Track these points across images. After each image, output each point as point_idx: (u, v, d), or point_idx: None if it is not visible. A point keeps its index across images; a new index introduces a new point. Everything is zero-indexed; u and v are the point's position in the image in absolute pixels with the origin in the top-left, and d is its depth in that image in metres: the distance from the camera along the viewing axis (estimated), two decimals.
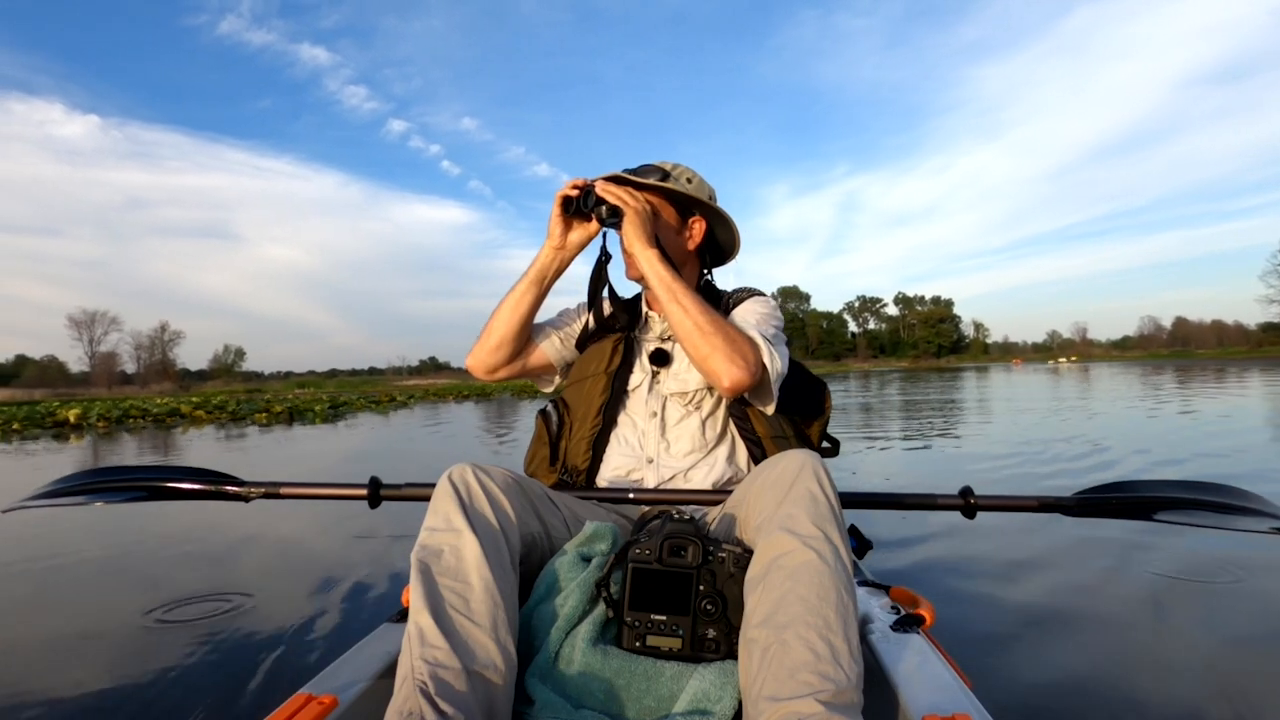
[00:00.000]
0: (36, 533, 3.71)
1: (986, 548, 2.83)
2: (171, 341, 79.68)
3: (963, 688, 0.90)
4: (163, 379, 73.72)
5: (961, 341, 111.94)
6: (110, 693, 1.74)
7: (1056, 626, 2.02)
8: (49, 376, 72.79)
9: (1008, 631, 2.00)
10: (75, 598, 2.61)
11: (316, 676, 0.96)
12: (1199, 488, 1.28)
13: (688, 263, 1.40)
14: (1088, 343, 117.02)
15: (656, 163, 1.34)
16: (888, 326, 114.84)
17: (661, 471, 1.31)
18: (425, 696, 0.77)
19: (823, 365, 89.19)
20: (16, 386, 64.91)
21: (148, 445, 10.01)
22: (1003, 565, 2.63)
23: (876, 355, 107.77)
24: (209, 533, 3.62)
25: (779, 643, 0.79)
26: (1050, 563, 2.65)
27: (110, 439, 11.16)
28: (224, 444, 9.88)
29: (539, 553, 1.06)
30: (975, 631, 1.98)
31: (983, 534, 2.99)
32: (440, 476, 1.00)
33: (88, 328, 72.35)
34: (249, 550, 3.27)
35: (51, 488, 1.40)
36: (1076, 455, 5.54)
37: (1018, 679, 1.68)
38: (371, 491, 1.34)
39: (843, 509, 0.95)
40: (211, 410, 16.80)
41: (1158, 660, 1.78)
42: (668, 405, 1.34)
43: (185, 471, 1.42)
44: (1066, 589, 2.35)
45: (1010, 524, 3.10)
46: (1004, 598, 2.28)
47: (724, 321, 1.19)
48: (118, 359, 75.33)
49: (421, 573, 0.88)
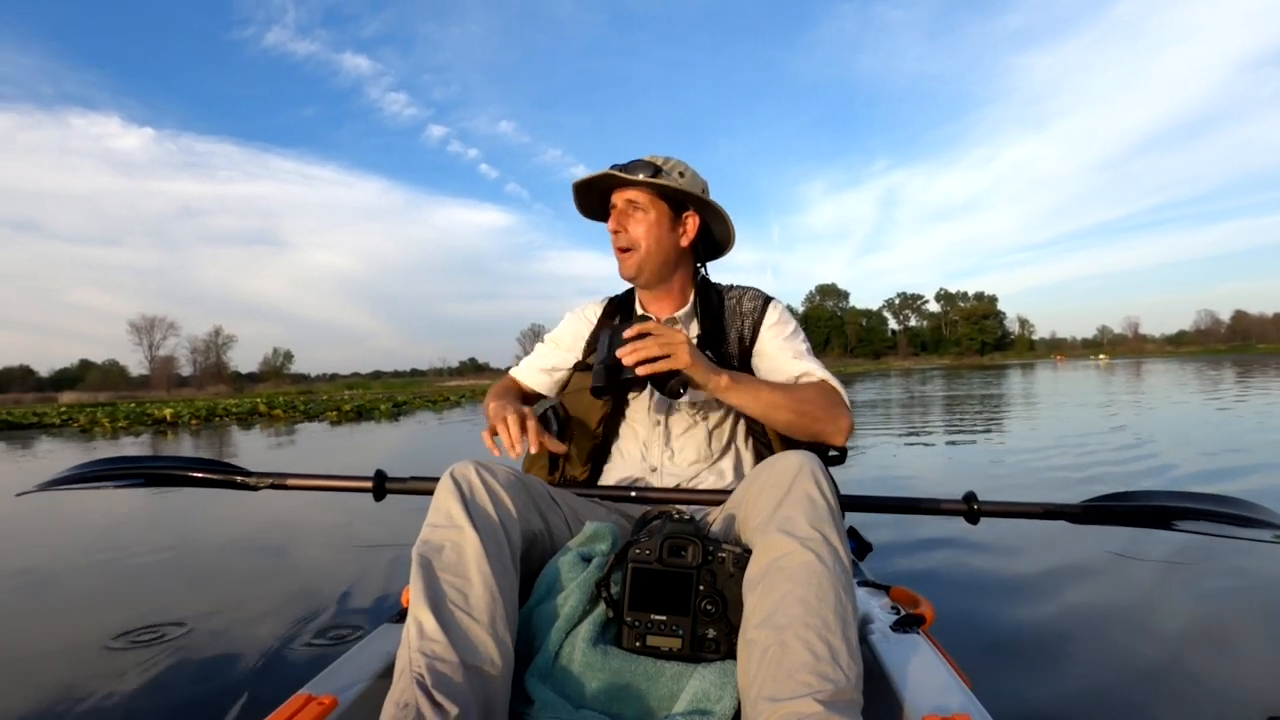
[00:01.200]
0: (29, 525, 3.77)
1: (987, 548, 2.83)
2: (225, 345, 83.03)
3: (963, 688, 0.90)
4: (217, 381, 76.15)
5: (1006, 338, 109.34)
6: (109, 693, 1.74)
7: (1057, 626, 2.02)
8: (111, 379, 76.83)
9: (1008, 632, 1.99)
10: (75, 598, 2.61)
11: (316, 677, 0.96)
12: (1205, 498, 1.28)
13: (683, 258, 1.37)
14: (1140, 338, 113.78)
15: (647, 157, 1.31)
16: (929, 323, 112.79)
17: (665, 480, 1.30)
18: (422, 689, 0.78)
19: (862, 364, 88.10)
20: (82, 389, 68.40)
21: (255, 440, 10.76)
22: (1003, 565, 2.63)
23: (917, 353, 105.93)
24: (208, 532, 3.62)
25: (778, 643, 0.80)
26: (1051, 563, 2.65)
27: (206, 434, 12.25)
28: (324, 436, 10.90)
29: (540, 550, 1.06)
30: (975, 631, 1.97)
31: (983, 535, 2.97)
32: (443, 473, 1.00)
33: (148, 332, 77.01)
34: (248, 549, 3.26)
35: (66, 474, 1.41)
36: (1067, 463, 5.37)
37: (1018, 679, 1.69)
38: (377, 484, 1.33)
39: (843, 511, 0.95)
40: (287, 409, 18.17)
41: (1158, 661, 1.78)
42: (673, 413, 1.32)
43: (195, 461, 1.43)
44: (1067, 589, 2.35)
45: (1011, 527, 3.07)
46: (1004, 598, 2.28)
47: (804, 391, 1.21)
48: (175, 362, 78.78)
49: (422, 568, 0.89)
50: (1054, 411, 10.10)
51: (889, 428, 8.59)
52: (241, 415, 16.95)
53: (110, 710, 1.65)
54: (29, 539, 3.67)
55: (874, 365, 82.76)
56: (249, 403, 20.37)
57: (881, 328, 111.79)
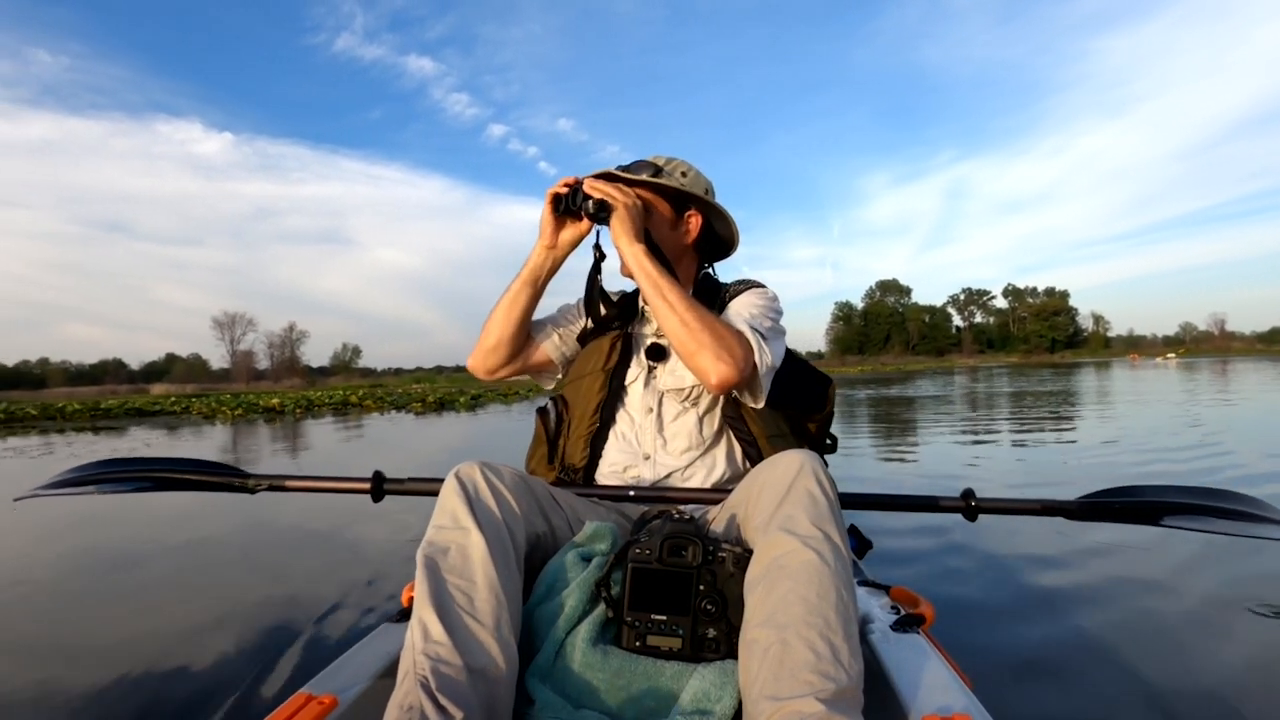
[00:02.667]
0: (29, 525, 3.79)
1: (987, 547, 2.83)
2: (298, 340, 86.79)
3: (963, 688, 0.91)
4: (291, 375, 78.88)
5: (1078, 335, 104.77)
6: (108, 693, 1.74)
7: (1057, 626, 2.02)
8: (195, 373, 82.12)
9: (1008, 631, 1.99)
10: (75, 597, 2.62)
11: (316, 676, 0.97)
12: (1204, 493, 1.27)
13: (685, 257, 1.39)
14: (1227, 335, 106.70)
15: (650, 158, 1.34)
16: (996, 320, 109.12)
17: (658, 469, 1.30)
18: (426, 691, 0.78)
19: (925, 361, 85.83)
20: (169, 381, 73.10)
21: (356, 428, 11.77)
22: (1003, 565, 2.63)
23: (983, 350, 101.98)
24: (207, 531, 3.63)
25: (780, 642, 0.80)
26: (1051, 561, 2.65)
27: (307, 421, 13.80)
28: (423, 424, 12.08)
29: (543, 552, 1.06)
30: (975, 631, 1.97)
31: (984, 534, 2.97)
32: (448, 474, 1.00)
33: (229, 328, 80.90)
34: (248, 548, 3.27)
35: (61, 478, 1.40)
36: None
37: (1018, 679, 1.68)
38: (375, 485, 1.34)
39: (842, 509, 0.96)
40: (376, 400, 19.60)
41: (1158, 661, 1.78)
42: (664, 401, 1.34)
43: (192, 463, 1.42)
44: (1067, 588, 2.35)
45: (1011, 524, 3.08)
46: (1005, 598, 2.28)
47: (711, 317, 1.17)
48: (254, 356, 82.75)
49: (427, 569, 0.89)
50: (1129, 409, 10.06)
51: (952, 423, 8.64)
52: (337, 405, 18.51)
53: (110, 710, 1.66)
54: (28, 539, 3.67)
55: (937, 363, 79.74)
56: (340, 394, 22.22)
57: (945, 324, 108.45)
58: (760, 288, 1.36)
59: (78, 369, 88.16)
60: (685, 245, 1.38)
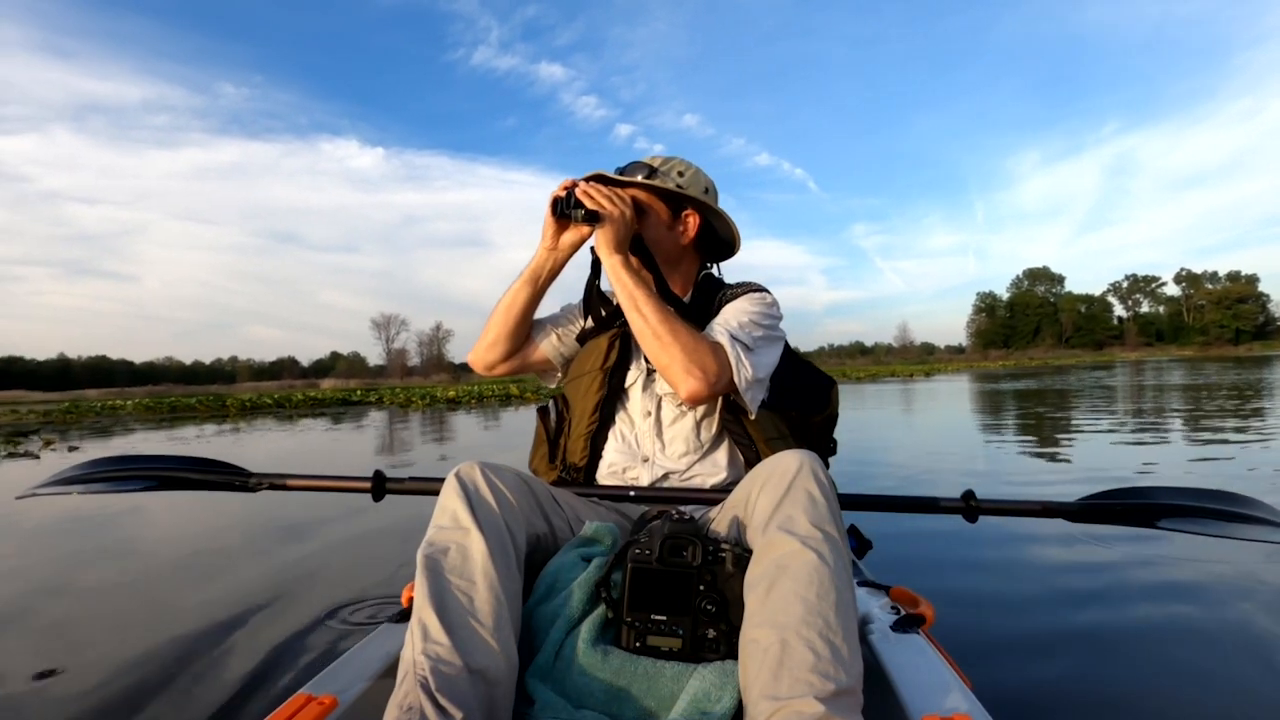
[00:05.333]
0: (29, 525, 3.78)
1: (987, 547, 2.82)
2: (444, 339, 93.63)
3: (963, 688, 0.91)
4: (439, 370, 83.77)
5: (1269, 325, 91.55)
6: (108, 693, 1.73)
7: (1057, 626, 2.02)
8: (355, 369, 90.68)
9: (1008, 632, 1.99)
10: (74, 597, 2.60)
11: (316, 677, 0.97)
12: (1205, 495, 1.27)
13: (685, 257, 1.39)
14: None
15: (645, 159, 1.34)
16: (1166, 309, 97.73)
17: (657, 471, 1.30)
18: (426, 692, 0.78)
19: (1079, 355, 78.17)
20: (334, 377, 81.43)
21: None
22: (1004, 565, 2.63)
23: (1150, 342, 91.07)
24: (206, 530, 3.63)
25: (780, 643, 0.80)
26: (1052, 563, 2.65)
27: (494, 408, 15.52)
28: None
29: (543, 552, 1.06)
30: (975, 632, 1.97)
31: (984, 534, 2.93)
32: (448, 474, 1.00)
33: (385, 328, 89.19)
34: (247, 548, 3.26)
35: (63, 475, 1.40)
36: None
37: (1018, 679, 1.68)
38: (376, 485, 1.34)
39: (842, 509, 0.96)
40: (535, 391, 21.35)
41: (1160, 660, 1.78)
42: (663, 405, 1.33)
43: (193, 462, 1.42)
44: (1068, 588, 2.35)
45: (1012, 525, 3.07)
46: (1004, 598, 2.28)
47: (686, 329, 1.16)
48: (406, 354, 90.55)
49: (428, 570, 0.89)
50: None
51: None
52: (500, 396, 20.50)
53: (110, 710, 1.65)
54: (29, 538, 3.68)
55: (1094, 356, 71.53)
56: (503, 390, 24.56)
57: (1105, 315, 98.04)
58: (758, 292, 1.34)
59: (260, 365, 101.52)
60: (684, 245, 1.38)
